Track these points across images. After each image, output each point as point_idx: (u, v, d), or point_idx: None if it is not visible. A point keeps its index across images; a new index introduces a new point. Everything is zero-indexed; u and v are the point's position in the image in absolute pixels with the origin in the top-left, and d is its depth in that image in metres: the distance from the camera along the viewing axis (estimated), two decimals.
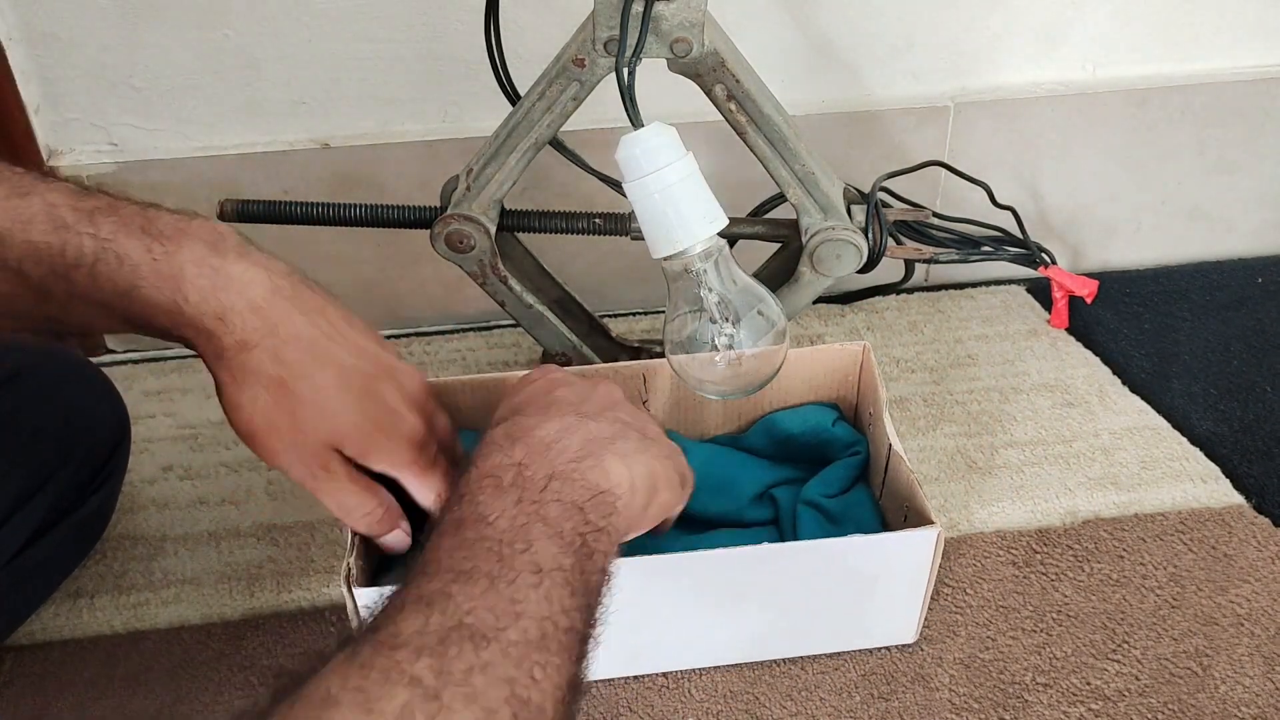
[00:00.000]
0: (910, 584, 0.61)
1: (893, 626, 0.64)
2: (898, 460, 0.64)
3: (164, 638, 0.67)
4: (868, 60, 0.92)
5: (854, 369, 0.73)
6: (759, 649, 0.64)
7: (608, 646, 0.58)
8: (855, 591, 0.62)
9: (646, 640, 0.62)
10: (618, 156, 0.58)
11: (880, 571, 0.61)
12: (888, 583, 0.61)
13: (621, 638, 0.59)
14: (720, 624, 0.62)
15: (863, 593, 0.62)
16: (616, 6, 0.62)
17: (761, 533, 0.69)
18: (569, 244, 0.81)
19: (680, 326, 0.61)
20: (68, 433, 0.67)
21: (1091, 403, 0.85)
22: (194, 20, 0.83)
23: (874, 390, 0.69)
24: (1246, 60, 0.97)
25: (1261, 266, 1.04)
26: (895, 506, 0.66)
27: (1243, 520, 0.74)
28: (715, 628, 0.62)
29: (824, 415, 0.73)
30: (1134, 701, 0.62)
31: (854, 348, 0.72)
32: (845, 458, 0.71)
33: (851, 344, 0.72)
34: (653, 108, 0.60)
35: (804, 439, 0.72)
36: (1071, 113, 0.95)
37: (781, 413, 0.73)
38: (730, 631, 0.62)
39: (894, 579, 0.61)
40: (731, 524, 0.69)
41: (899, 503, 0.65)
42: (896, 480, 0.65)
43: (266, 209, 0.73)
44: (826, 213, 0.71)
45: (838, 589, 0.61)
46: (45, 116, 0.86)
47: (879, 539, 0.60)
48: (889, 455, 0.66)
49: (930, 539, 0.59)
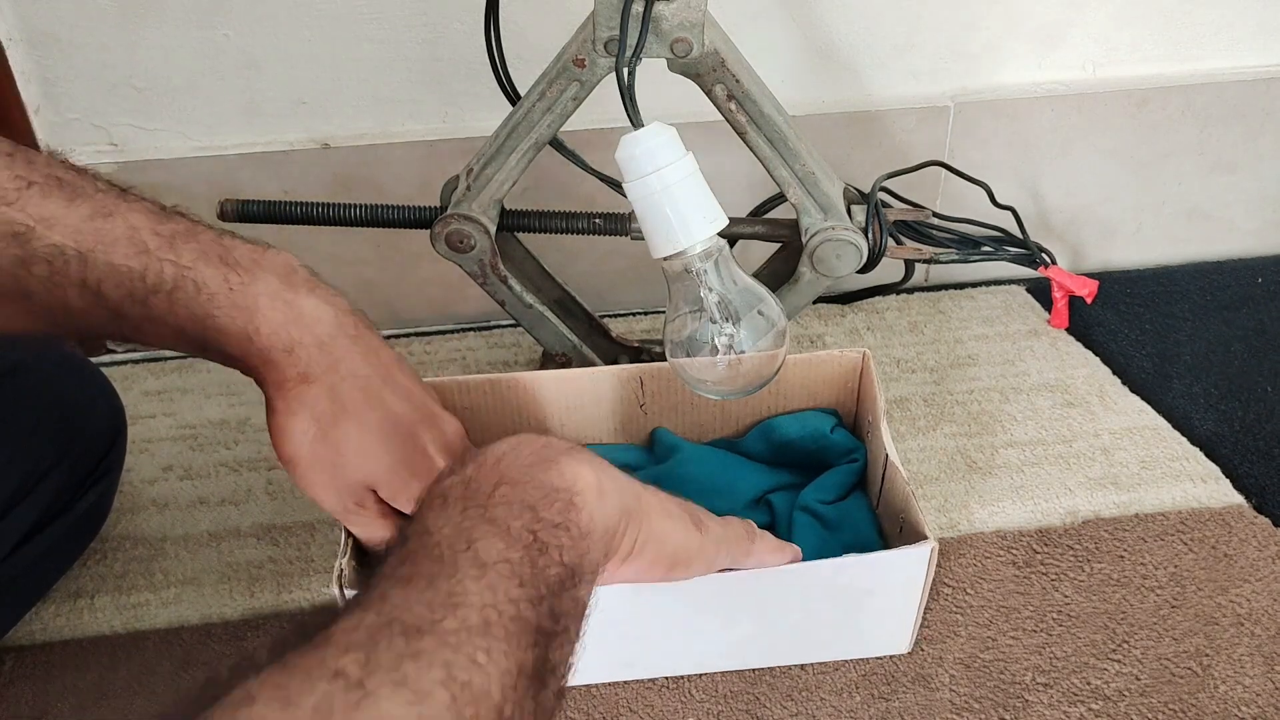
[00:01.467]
0: (904, 598, 0.61)
1: (887, 638, 0.64)
2: (894, 471, 0.64)
3: (164, 638, 0.67)
4: (868, 60, 0.92)
5: (854, 376, 0.73)
6: (754, 658, 0.64)
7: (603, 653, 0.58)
8: (850, 606, 0.61)
9: (641, 649, 0.62)
10: (618, 156, 0.58)
11: (875, 586, 0.60)
12: (882, 597, 0.61)
13: (616, 647, 0.59)
14: (714, 636, 0.62)
15: (857, 607, 0.62)
16: (616, 6, 0.62)
17: None
18: (569, 244, 0.81)
19: (680, 326, 0.61)
20: (64, 428, 0.68)
21: (1091, 403, 0.85)
22: (194, 20, 0.83)
23: (873, 398, 0.69)
24: (1246, 60, 0.97)
25: (1261, 266, 1.04)
26: (891, 517, 0.66)
27: (1243, 520, 0.74)
28: (709, 639, 0.62)
29: (823, 421, 0.72)
30: (1134, 701, 0.62)
31: (854, 355, 0.72)
32: (843, 464, 0.71)
33: (851, 351, 0.72)
34: (653, 108, 0.60)
35: (802, 444, 0.72)
36: (1071, 113, 0.95)
37: (780, 418, 0.73)
38: (725, 643, 0.62)
39: (889, 593, 0.61)
40: None
41: (895, 514, 0.65)
42: (893, 491, 0.65)
43: (266, 209, 0.73)
44: (827, 213, 0.71)
45: (832, 604, 0.61)
46: (45, 116, 0.86)
47: (872, 558, 0.59)
48: (885, 465, 0.66)
49: (924, 555, 0.58)
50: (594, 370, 0.69)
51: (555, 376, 0.69)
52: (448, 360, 0.92)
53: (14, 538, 0.63)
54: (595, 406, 0.70)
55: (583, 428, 0.70)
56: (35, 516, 0.65)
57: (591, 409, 0.70)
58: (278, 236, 0.69)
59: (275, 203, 0.73)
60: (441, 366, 0.92)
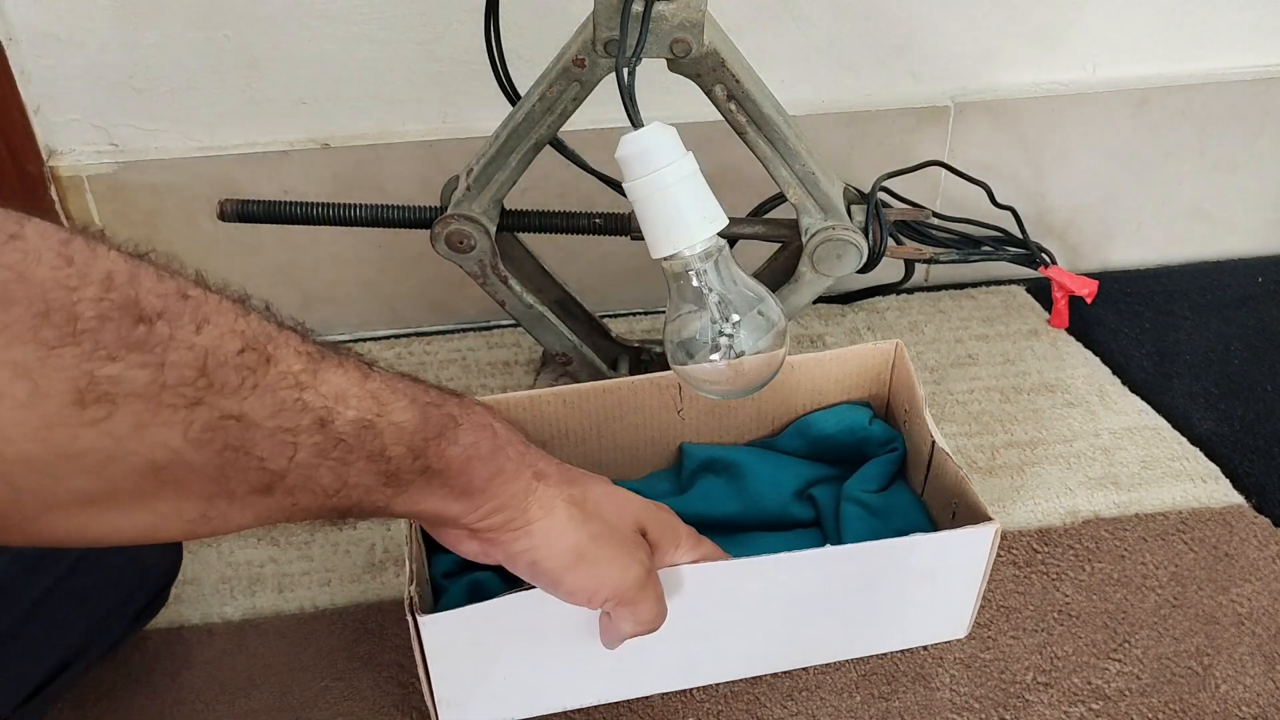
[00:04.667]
0: (966, 580, 0.62)
1: (946, 624, 0.65)
2: (942, 456, 0.65)
3: (164, 638, 0.67)
4: (868, 60, 0.92)
5: (886, 368, 0.73)
6: (816, 652, 0.64)
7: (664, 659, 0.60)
8: (912, 590, 0.62)
9: (706, 650, 0.61)
10: (618, 156, 0.58)
11: (939, 568, 0.61)
12: (943, 581, 0.61)
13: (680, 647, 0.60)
14: (776, 630, 0.62)
15: (919, 591, 0.62)
16: (616, 7, 0.62)
17: (805, 535, 0.69)
18: (569, 244, 0.81)
19: (680, 326, 0.61)
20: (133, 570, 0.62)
21: (1091, 403, 0.85)
22: (194, 20, 0.83)
23: (909, 388, 0.70)
24: (1246, 60, 0.97)
25: (1261, 266, 1.04)
26: (942, 503, 0.66)
27: (1243, 520, 0.74)
28: (771, 633, 0.62)
29: (858, 414, 0.73)
30: (1134, 701, 0.62)
31: (886, 346, 0.72)
32: (883, 454, 0.71)
33: (884, 343, 0.72)
34: (653, 108, 0.60)
35: (840, 438, 0.72)
36: (1071, 113, 0.95)
37: (815, 414, 0.73)
38: (787, 636, 0.62)
39: (951, 575, 0.61)
40: (773, 526, 0.69)
41: (946, 499, 0.65)
42: (943, 476, 0.66)
43: (266, 209, 0.73)
44: (826, 213, 0.71)
45: (895, 588, 0.61)
46: (45, 116, 0.86)
47: (941, 537, 0.60)
48: (932, 451, 0.66)
49: (989, 535, 0.59)
50: (633, 380, 0.69)
51: (596, 388, 0.69)
52: (448, 360, 0.92)
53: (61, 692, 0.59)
54: (635, 414, 0.71)
55: (620, 436, 0.71)
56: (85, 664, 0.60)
57: (631, 417, 0.70)
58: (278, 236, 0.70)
59: (275, 203, 0.73)
60: (441, 366, 0.92)
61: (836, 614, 0.62)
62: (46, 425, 0.34)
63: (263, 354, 0.39)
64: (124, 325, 0.35)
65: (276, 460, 0.40)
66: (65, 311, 0.33)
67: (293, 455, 0.40)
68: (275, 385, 0.39)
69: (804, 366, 0.72)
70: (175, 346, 0.36)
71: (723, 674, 0.63)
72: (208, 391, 0.37)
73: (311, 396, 0.41)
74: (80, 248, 0.35)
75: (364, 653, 0.66)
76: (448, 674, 0.56)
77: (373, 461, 0.43)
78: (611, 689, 0.62)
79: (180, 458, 0.37)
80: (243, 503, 0.40)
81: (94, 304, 0.34)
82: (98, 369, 0.34)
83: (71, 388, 0.34)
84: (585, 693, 0.61)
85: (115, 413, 0.35)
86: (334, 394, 0.42)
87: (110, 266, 0.35)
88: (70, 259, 0.34)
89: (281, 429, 0.40)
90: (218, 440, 0.37)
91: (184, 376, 0.36)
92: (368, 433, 0.43)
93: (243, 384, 0.38)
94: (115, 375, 0.34)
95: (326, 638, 0.67)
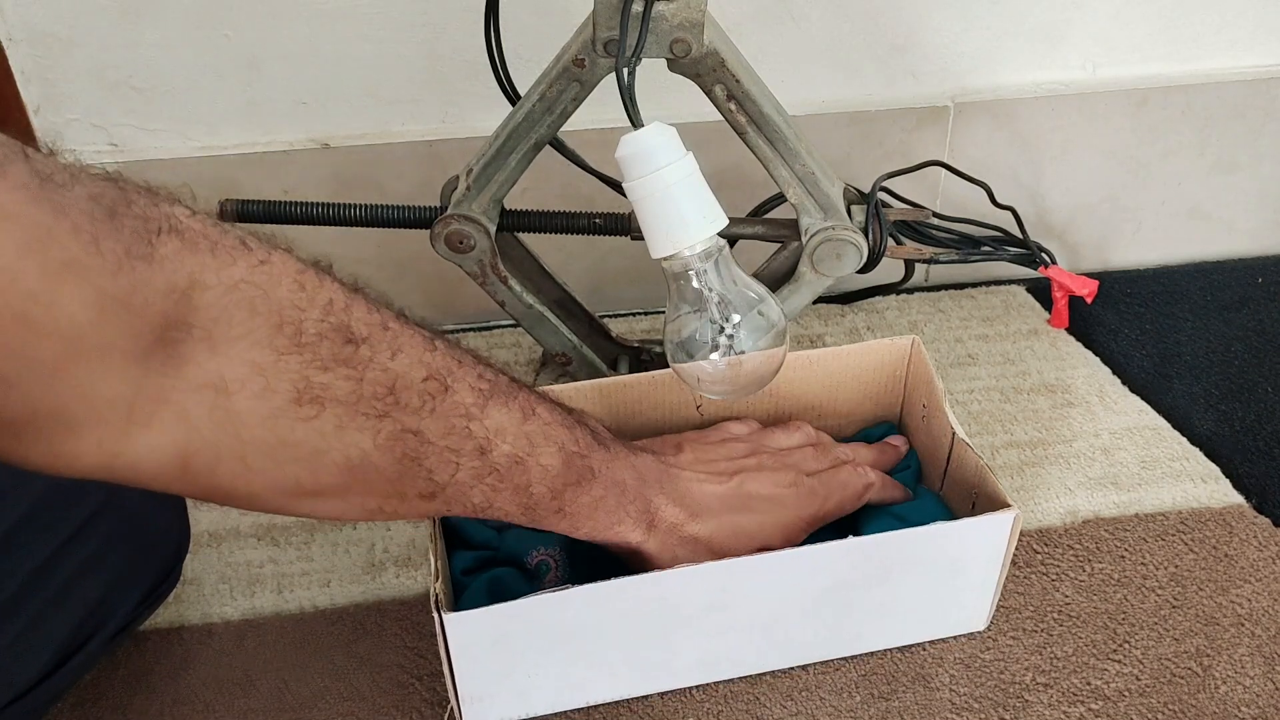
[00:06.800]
0: (985, 570, 0.62)
1: (965, 615, 0.65)
2: (962, 448, 0.65)
3: (164, 638, 0.67)
4: (868, 60, 0.92)
5: (902, 364, 0.73)
6: (843, 645, 0.64)
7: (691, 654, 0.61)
8: (933, 581, 0.62)
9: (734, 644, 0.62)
10: (618, 156, 0.58)
11: (960, 556, 0.61)
12: (964, 571, 0.62)
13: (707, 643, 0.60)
14: (800, 623, 0.62)
15: (940, 582, 0.62)
16: (616, 7, 0.62)
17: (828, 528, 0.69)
18: (569, 244, 0.81)
19: (680, 326, 0.61)
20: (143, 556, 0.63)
21: (1091, 403, 0.85)
22: (194, 20, 0.83)
23: (927, 382, 0.70)
24: (1246, 60, 0.97)
25: (1262, 266, 1.03)
26: (962, 495, 0.66)
27: (1243, 520, 0.74)
28: (797, 627, 0.62)
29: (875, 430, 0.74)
30: (1134, 701, 0.62)
31: (903, 341, 0.72)
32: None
33: (900, 338, 0.72)
34: (653, 108, 0.60)
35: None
36: (1071, 113, 0.95)
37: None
38: (811, 629, 0.62)
39: (971, 565, 0.61)
40: None
41: (965, 490, 0.65)
42: (962, 467, 0.66)
43: (266, 209, 0.73)
44: (826, 213, 0.71)
45: (915, 580, 0.61)
46: (45, 116, 0.86)
47: (961, 525, 0.60)
48: (952, 444, 0.66)
49: (1008, 522, 0.60)
50: (652, 375, 0.69)
51: (616, 384, 0.69)
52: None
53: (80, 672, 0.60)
54: (654, 410, 0.71)
55: (641, 432, 0.71)
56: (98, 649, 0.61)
57: (650, 413, 0.70)
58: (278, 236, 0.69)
59: (275, 203, 0.73)
60: None
61: (857, 607, 0.62)
62: (272, 415, 0.41)
63: (442, 383, 0.47)
64: (337, 343, 0.43)
65: (441, 474, 0.47)
66: (295, 326, 0.41)
67: (454, 473, 0.48)
68: (449, 411, 0.47)
69: (821, 361, 0.72)
70: (373, 367, 0.44)
71: (754, 666, 0.63)
72: (394, 407, 0.45)
73: (476, 426, 0.48)
74: (311, 277, 0.44)
75: (363, 652, 0.66)
76: (472, 671, 0.57)
77: (518, 493, 0.51)
78: (638, 684, 0.62)
79: (369, 459, 0.45)
80: (410, 504, 0.48)
81: (316, 323, 0.42)
82: (313, 376, 0.42)
83: (292, 388, 0.41)
84: (609, 688, 0.61)
85: (323, 413, 0.42)
86: (495, 428, 0.49)
87: (332, 295, 0.44)
88: (303, 285, 0.43)
89: (449, 449, 0.47)
90: (398, 448, 0.45)
91: (377, 392, 0.44)
92: (517, 468, 0.50)
93: (422, 406, 0.46)
94: (326, 383, 0.42)
95: (326, 638, 0.67)
